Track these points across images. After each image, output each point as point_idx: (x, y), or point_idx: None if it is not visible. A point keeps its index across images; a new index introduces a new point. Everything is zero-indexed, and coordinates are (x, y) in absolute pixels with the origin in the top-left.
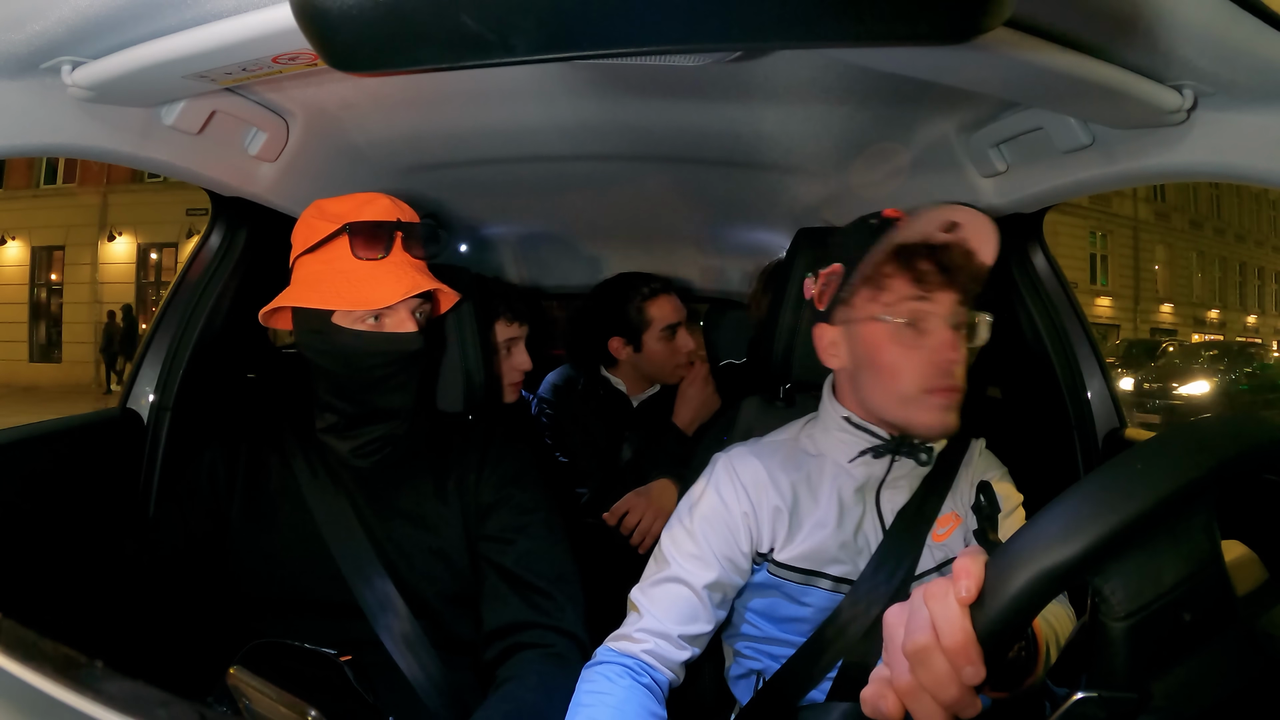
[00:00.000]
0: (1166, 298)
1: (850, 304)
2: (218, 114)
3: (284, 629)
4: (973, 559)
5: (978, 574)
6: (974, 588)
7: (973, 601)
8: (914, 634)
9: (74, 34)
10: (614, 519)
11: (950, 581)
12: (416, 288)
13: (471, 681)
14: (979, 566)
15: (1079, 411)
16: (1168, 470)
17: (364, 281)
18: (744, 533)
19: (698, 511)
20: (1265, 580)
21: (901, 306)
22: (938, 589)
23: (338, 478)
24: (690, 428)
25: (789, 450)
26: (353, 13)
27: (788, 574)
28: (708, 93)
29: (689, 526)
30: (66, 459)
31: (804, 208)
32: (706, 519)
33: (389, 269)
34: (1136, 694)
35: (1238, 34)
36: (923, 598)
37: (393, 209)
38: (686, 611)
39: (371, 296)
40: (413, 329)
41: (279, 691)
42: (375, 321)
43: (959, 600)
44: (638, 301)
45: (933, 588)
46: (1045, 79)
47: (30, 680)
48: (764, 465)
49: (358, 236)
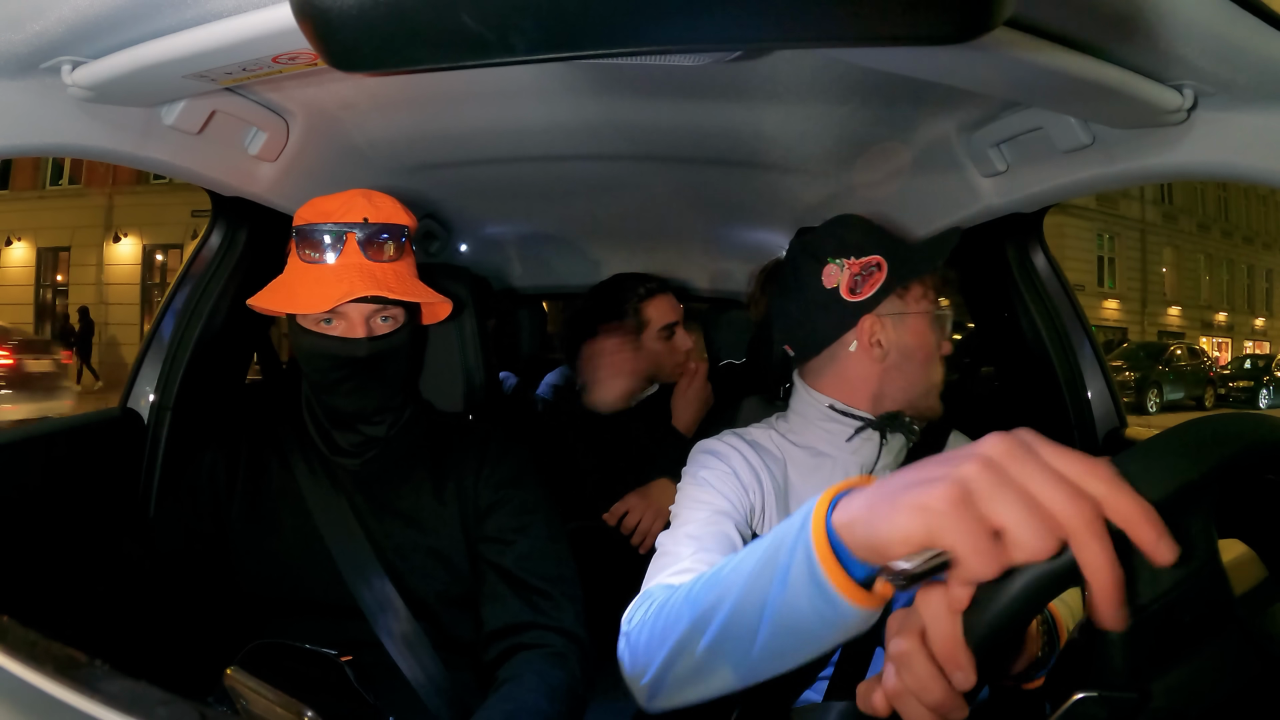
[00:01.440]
0: (1174, 300)
1: (905, 297)
2: (218, 114)
3: (284, 629)
4: None
5: None
6: (965, 596)
7: (965, 608)
8: (900, 636)
9: (74, 34)
10: (614, 519)
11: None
12: (352, 294)
13: (471, 682)
14: None
15: (1079, 411)
16: (1163, 474)
17: (303, 284)
18: (745, 497)
19: (705, 474)
20: (1264, 579)
21: (935, 304)
22: (934, 594)
23: (337, 479)
24: (690, 429)
25: (770, 441)
26: (353, 13)
27: None
28: (708, 93)
29: (700, 488)
30: (66, 459)
31: (804, 208)
32: (716, 478)
33: (335, 272)
34: (1136, 694)
35: (1238, 34)
36: (918, 601)
37: (363, 208)
38: (728, 546)
39: (304, 300)
40: (359, 335)
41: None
42: (329, 325)
43: (950, 607)
44: (635, 302)
45: (930, 592)
46: (1045, 79)
47: (30, 680)
48: (753, 449)
49: (302, 239)
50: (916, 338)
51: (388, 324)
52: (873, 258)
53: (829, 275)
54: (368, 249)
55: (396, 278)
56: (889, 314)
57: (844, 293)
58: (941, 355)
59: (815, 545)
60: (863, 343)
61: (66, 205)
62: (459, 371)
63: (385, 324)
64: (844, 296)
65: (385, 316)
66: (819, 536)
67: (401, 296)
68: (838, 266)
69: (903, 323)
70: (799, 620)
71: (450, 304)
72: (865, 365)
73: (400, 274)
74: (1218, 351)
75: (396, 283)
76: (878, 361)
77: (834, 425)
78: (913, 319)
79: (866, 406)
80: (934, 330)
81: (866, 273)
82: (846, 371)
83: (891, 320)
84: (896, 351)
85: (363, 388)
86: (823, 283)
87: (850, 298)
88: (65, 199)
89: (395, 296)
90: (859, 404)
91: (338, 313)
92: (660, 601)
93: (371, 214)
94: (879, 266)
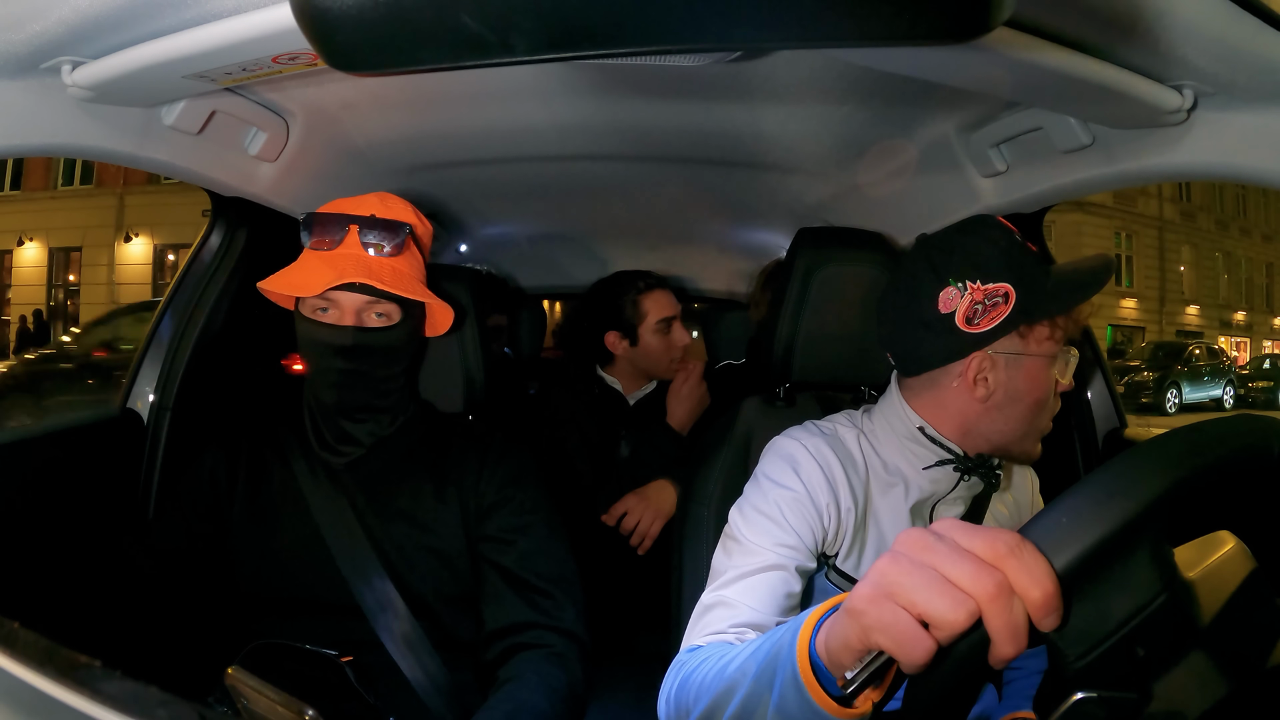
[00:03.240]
0: (1192, 299)
1: (1027, 337)
2: (218, 114)
3: (284, 629)
4: None
5: None
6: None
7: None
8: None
9: (74, 34)
10: (612, 520)
11: None
12: (342, 279)
13: (472, 682)
14: None
15: (1079, 411)
16: (1096, 518)
17: (303, 269)
18: (819, 524)
19: (777, 490)
20: (1250, 573)
21: (1061, 348)
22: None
23: (337, 479)
24: (685, 427)
25: (857, 448)
26: (353, 13)
27: (846, 585)
28: (708, 93)
29: (769, 511)
30: (66, 459)
31: (804, 208)
32: (789, 503)
33: (332, 260)
34: (1136, 694)
35: (1238, 34)
36: None
37: (373, 206)
38: (784, 600)
39: (299, 283)
40: (348, 324)
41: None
42: (324, 313)
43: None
44: (633, 295)
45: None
46: (1045, 79)
47: (30, 680)
48: (840, 462)
49: (310, 227)
50: (1030, 381)
51: (380, 320)
52: (1001, 285)
53: (947, 299)
54: (367, 241)
55: (392, 273)
56: (1005, 353)
57: (959, 321)
58: (1057, 395)
59: (799, 666)
60: (967, 378)
61: (78, 205)
62: (459, 371)
63: (378, 319)
64: (958, 325)
65: (379, 312)
66: (802, 658)
67: (392, 290)
68: (959, 290)
69: (1017, 364)
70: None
71: (451, 318)
72: (965, 400)
73: (397, 270)
74: (1236, 351)
75: (391, 277)
76: (980, 401)
77: (918, 448)
78: (1030, 361)
79: (956, 437)
80: (1053, 373)
81: (990, 302)
82: (944, 399)
83: (1005, 360)
84: (1004, 393)
85: (347, 381)
86: (938, 305)
87: (966, 328)
88: (77, 199)
89: (384, 288)
90: (949, 433)
91: (332, 301)
92: (683, 679)
93: (380, 211)
94: (1005, 298)
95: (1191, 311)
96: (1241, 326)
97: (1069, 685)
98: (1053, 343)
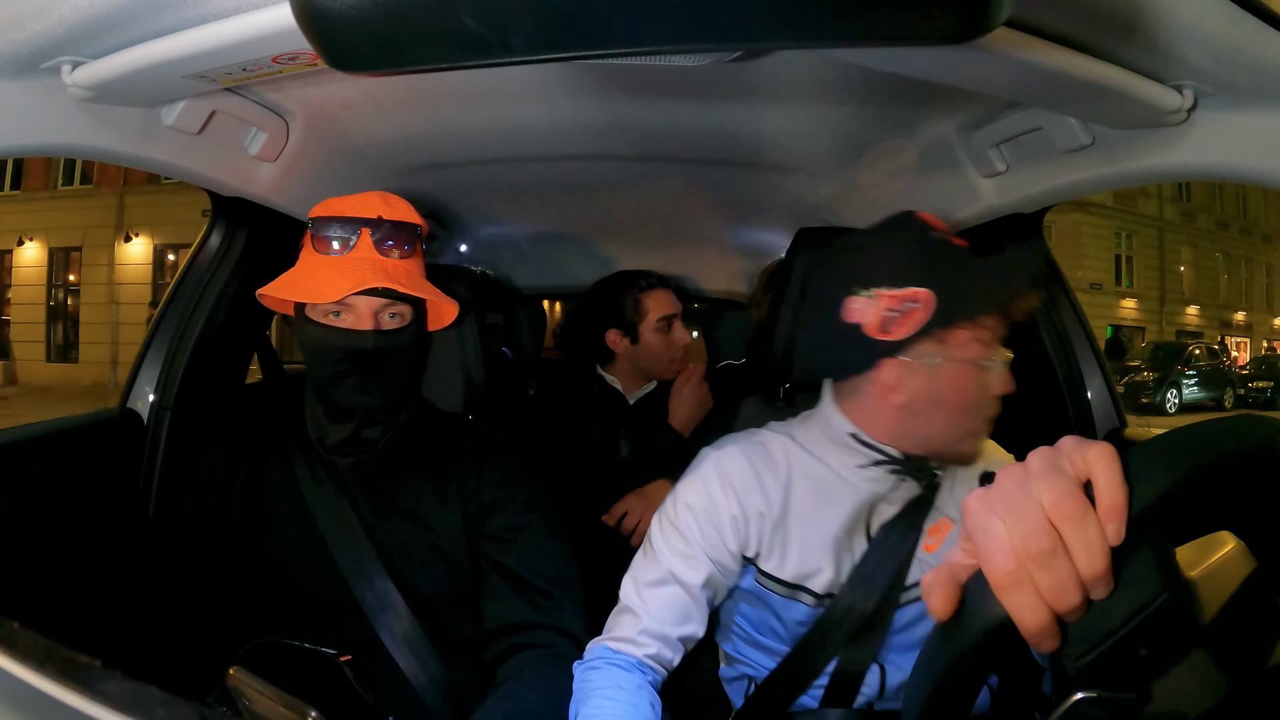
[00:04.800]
0: (1192, 299)
1: (945, 341)
2: (218, 114)
3: (284, 628)
4: None
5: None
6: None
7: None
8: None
9: (74, 34)
10: (612, 520)
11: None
12: (363, 284)
13: (471, 681)
14: None
15: (1079, 411)
16: None
17: (315, 275)
18: (731, 535)
19: (687, 508)
20: (1251, 574)
21: (988, 350)
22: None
23: (337, 477)
24: (686, 428)
25: (781, 452)
26: (353, 13)
27: (773, 585)
28: (708, 93)
29: (678, 524)
30: (66, 459)
31: (804, 208)
32: (695, 517)
33: (346, 265)
34: (1136, 694)
35: (1238, 34)
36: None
37: (378, 207)
38: (681, 612)
39: (316, 290)
40: (367, 328)
41: (279, 692)
42: (337, 317)
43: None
44: (635, 293)
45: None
46: (1045, 79)
47: (30, 680)
48: (753, 468)
49: (317, 231)
50: (953, 386)
51: (395, 320)
52: (915, 291)
53: (852, 308)
54: (380, 244)
55: (407, 274)
56: (922, 360)
57: (870, 329)
58: (990, 397)
59: None
60: (883, 386)
61: (78, 205)
62: (459, 371)
63: (393, 320)
64: (868, 334)
65: (393, 313)
66: None
67: (412, 291)
68: (866, 298)
69: (937, 370)
70: None
71: (456, 310)
72: (887, 407)
73: (411, 271)
74: (1236, 351)
75: (407, 279)
76: (899, 408)
77: (852, 452)
78: (949, 366)
79: (888, 440)
80: (978, 376)
81: (904, 309)
82: (869, 406)
83: (922, 365)
84: (926, 399)
85: (366, 383)
86: (845, 315)
87: (877, 336)
88: (77, 199)
89: (405, 291)
90: (881, 436)
91: (347, 305)
92: (580, 686)
93: (386, 212)
94: (919, 302)
95: (1192, 311)
96: (1241, 326)
97: (1069, 685)
98: (978, 344)
